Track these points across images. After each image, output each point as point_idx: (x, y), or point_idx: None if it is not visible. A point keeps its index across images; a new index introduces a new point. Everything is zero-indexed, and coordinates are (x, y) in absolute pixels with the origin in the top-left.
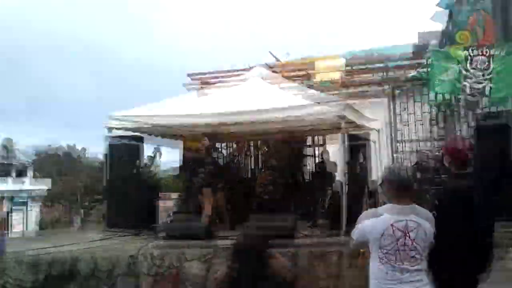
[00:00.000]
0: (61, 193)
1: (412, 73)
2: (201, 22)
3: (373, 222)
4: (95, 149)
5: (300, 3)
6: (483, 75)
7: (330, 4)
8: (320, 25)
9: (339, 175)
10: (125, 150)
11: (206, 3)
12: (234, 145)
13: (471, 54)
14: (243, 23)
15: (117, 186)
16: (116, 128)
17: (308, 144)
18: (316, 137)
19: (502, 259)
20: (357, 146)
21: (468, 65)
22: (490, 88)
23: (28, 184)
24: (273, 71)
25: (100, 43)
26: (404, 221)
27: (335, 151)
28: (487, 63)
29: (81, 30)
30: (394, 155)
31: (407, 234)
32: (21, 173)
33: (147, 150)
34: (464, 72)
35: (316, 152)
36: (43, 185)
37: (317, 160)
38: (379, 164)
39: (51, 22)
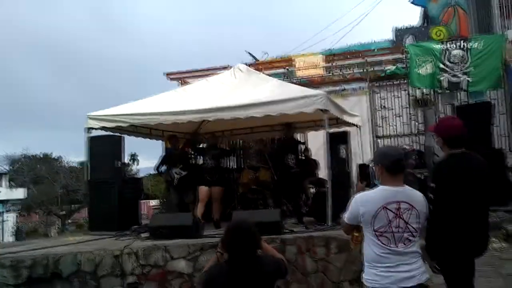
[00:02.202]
0: (38, 201)
1: (391, 68)
2: (179, 20)
3: (365, 205)
4: (71, 157)
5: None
6: (460, 69)
7: (303, 3)
8: (296, 24)
9: (322, 172)
10: (106, 146)
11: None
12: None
13: (448, 48)
14: (222, 25)
15: (98, 187)
16: (95, 128)
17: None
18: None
19: None
20: (338, 143)
21: (445, 59)
22: (468, 81)
23: (3, 193)
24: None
25: (74, 40)
26: (396, 202)
27: (317, 147)
28: (464, 57)
29: (54, 27)
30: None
31: (400, 216)
32: None
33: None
34: (441, 66)
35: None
36: (19, 194)
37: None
38: (360, 160)
39: (25, 17)
